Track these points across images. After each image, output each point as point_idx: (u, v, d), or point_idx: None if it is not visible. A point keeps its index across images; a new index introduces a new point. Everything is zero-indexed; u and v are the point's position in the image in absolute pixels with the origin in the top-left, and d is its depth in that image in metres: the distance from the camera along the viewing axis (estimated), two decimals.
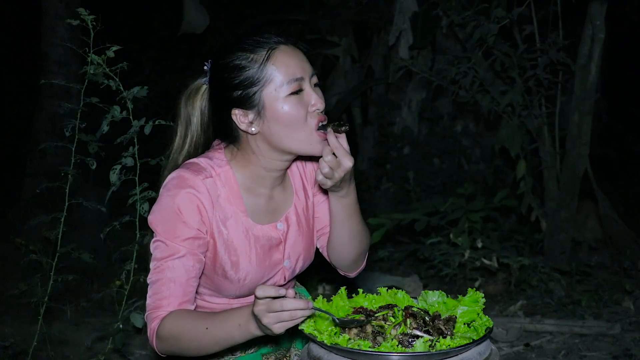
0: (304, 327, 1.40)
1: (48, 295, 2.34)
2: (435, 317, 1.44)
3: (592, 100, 3.62)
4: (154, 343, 1.46)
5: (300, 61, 1.49)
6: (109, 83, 2.23)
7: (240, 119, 1.50)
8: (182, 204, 1.48)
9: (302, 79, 1.48)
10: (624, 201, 4.62)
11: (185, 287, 1.48)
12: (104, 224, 2.26)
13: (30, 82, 4.94)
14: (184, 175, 1.50)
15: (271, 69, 1.46)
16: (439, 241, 3.79)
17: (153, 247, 1.51)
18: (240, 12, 5.99)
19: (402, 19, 5.00)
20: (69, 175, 2.30)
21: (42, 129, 4.67)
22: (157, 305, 1.46)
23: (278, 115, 1.47)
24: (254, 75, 1.46)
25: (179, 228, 1.48)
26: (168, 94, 4.54)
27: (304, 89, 1.48)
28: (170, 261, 1.47)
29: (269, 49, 1.47)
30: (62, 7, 4.59)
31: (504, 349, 2.98)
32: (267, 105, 1.47)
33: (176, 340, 1.43)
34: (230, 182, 1.54)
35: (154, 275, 1.48)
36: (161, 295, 1.46)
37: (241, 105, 1.49)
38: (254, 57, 1.47)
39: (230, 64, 1.49)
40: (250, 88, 1.47)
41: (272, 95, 1.46)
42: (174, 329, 1.42)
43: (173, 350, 1.46)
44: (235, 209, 1.54)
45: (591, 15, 3.55)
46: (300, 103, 1.47)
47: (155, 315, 1.46)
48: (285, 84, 1.46)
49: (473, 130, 5.12)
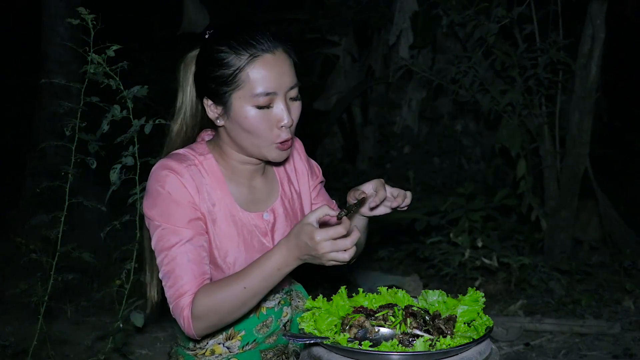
0: (305, 327, 1.40)
1: (48, 294, 2.33)
2: (436, 316, 1.44)
3: (592, 100, 3.62)
4: (191, 327, 1.44)
5: (280, 74, 1.47)
6: (109, 82, 2.23)
7: (211, 108, 1.53)
8: (172, 189, 1.49)
9: (275, 94, 1.47)
10: (624, 201, 4.61)
11: (201, 267, 1.48)
12: (104, 224, 2.26)
13: (30, 81, 4.93)
14: (167, 164, 1.51)
15: (246, 76, 1.45)
16: (439, 240, 3.79)
17: (156, 241, 1.50)
18: (240, 11, 5.99)
19: (403, 18, 5.00)
20: (69, 175, 2.30)
21: (42, 128, 4.67)
22: (180, 293, 1.45)
23: (241, 120, 1.48)
24: (229, 75, 1.46)
25: (177, 212, 1.48)
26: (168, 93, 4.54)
27: (272, 106, 1.47)
28: (181, 246, 1.47)
29: (251, 54, 1.45)
30: (62, 6, 4.59)
31: (504, 348, 2.98)
32: (234, 108, 1.48)
33: (215, 312, 1.42)
34: (213, 169, 1.57)
35: (167, 266, 1.47)
36: (182, 282, 1.45)
37: (212, 97, 1.51)
38: (235, 58, 1.46)
39: (213, 55, 1.48)
40: (222, 86, 1.47)
41: (241, 100, 1.46)
42: (210, 302, 1.42)
43: (214, 323, 1.45)
44: (221, 195, 1.56)
45: (591, 15, 3.55)
46: (266, 117, 1.47)
47: (183, 303, 1.45)
48: (254, 96, 1.45)
49: (473, 130, 5.12)
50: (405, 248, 4.03)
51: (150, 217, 1.51)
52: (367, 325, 1.42)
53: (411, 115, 5.31)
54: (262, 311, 1.66)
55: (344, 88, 5.63)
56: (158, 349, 3.03)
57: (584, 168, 3.71)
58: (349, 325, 1.42)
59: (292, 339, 1.38)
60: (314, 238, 1.31)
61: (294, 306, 1.76)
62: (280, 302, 1.71)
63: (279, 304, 1.70)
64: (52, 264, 2.32)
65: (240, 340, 1.63)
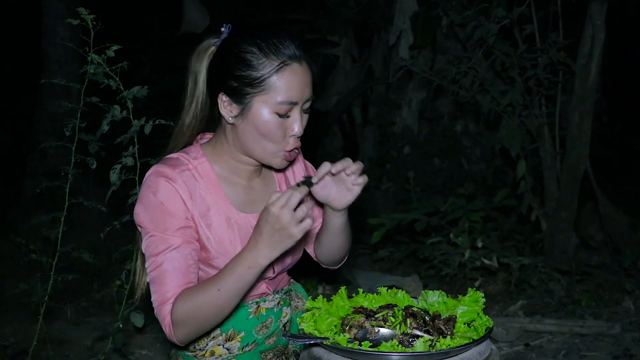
0: (305, 327, 1.40)
1: (48, 294, 2.33)
2: (435, 316, 1.44)
3: (592, 100, 3.62)
4: (172, 334, 1.44)
5: (304, 85, 1.48)
6: (109, 82, 2.23)
7: (225, 104, 1.51)
8: (164, 196, 1.48)
9: (295, 105, 1.47)
10: (624, 201, 4.61)
11: (187, 275, 1.47)
12: (104, 224, 2.25)
13: (30, 81, 4.94)
14: (161, 170, 1.51)
15: (274, 83, 1.45)
16: (439, 241, 3.79)
17: (145, 246, 1.50)
18: (241, 11, 5.98)
19: (403, 19, 5.01)
20: (69, 175, 2.30)
21: (42, 128, 4.67)
22: (163, 300, 1.44)
23: (258, 123, 1.47)
24: (256, 78, 1.45)
25: (167, 220, 1.48)
26: (168, 94, 4.54)
27: (290, 116, 1.48)
28: (168, 253, 1.46)
29: (282, 62, 1.45)
30: (62, 6, 4.60)
31: (504, 348, 2.98)
32: (253, 110, 1.47)
33: (194, 317, 1.41)
34: (207, 172, 1.56)
35: (153, 272, 1.47)
36: (166, 288, 1.45)
37: (231, 95, 1.49)
38: (265, 61, 1.45)
39: (241, 53, 1.46)
40: (246, 87, 1.46)
41: (263, 105, 1.46)
42: (187, 307, 1.41)
43: (194, 329, 1.44)
44: (216, 198, 1.55)
45: (591, 15, 3.55)
46: (282, 125, 1.48)
47: (165, 310, 1.44)
48: (278, 103, 1.45)
49: (473, 130, 5.12)
50: (405, 248, 4.03)
51: (140, 224, 1.51)
52: (367, 326, 1.42)
53: (411, 115, 5.31)
54: (262, 312, 1.66)
55: (344, 88, 5.63)
56: (158, 349, 3.03)
57: (584, 168, 3.71)
58: (349, 325, 1.42)
59: (292, 339, 1.38)
60: (272, 212, 1.31)
61: (293, 306, 1.76)
62: (279, 303, 1.71)
63: (279, 305, 1.70)
64: (52, 264, 2.32)
65: (240, 341, 1.63)
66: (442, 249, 3.73)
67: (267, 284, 1.66)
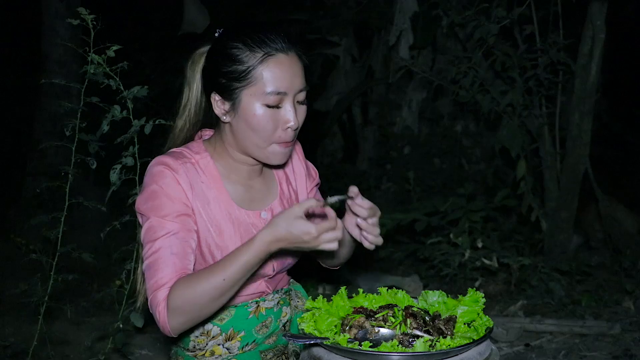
0: (305, 327, 1.40)
1: (48, 294, 2.33)
2: (436, 317, 1.44)
3: (592, 100, 3.62)
4: (167, 322, 1.39)
5: (292, 76, 1.48)
6: (109, 82, 2.23)
7: (218, 104, 1.53)
8: (164, 182, 1.49)
9: (285, 95, 1.47)
10: (624, 201, 4.61)
11: (184, 262, 1.44)
12: (104, 224, 2.25)
13: (30, 81, 4.93)
14: (163, 160, 1.53)
15: (259, 74, 1.46)
16: (439, 241, 3.79)
17: (143, 232, 1.48)
18: (241, 11, 5.99)
19: (403, 19, 5.00)
20: (69, 175, 2.30)
21: (42, 128, 4.67)
22: (158, 285, 1.41)
23: (248, 117, 1.48)
24: (242, 71, 1.47)
25: (167, 205, 1.48)
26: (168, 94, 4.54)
27: (281, 107, 1.48)
28: (167, 238, 1.45)
29: (266, 53, 1.46)
30: (62, 6, 4.60)
31: (504, 348, 2.98)
32: (243, 104, 1.48)
33: (194, 304, 1.37)
34: (209, 168, 1.57)
35: (150, 257, 1.44)
36: (161, 274, 1.42)
37: (221, 93, 1.51)
38: (249, 55, 1.46)
39: (227, 50, 1.49)
40: (234, 82, 1.48)
41: (251, 97, 1.47)
42: (188, 293, 1.37)
43: (191, 317, 1.40)
44: (217, 193, 1.56)
45: (591, 15, 3.54)
46: (273, 117, 1.48)
47: (160, 295, 1.40)
48: (265, 94, 1.46)
49: (473, 130, 5.12)
50: (405, 248, 4.03)
51: (139, 210, 1.52)
52: (367, 326, 1.42)
53: (411, 115, 5.31)
54: (262, 311, 1.66)
55: (344, 88, 5.64)
56: (158, 349, 3.03)
57: (584, 169, 3.70)
58: (349, 325, 1.42)
59: (292, 339, 1.38)
60: (310, 232, 1.31)
61: (293, 306, 1.76)
62: (279, 302, 1.71)
63: (278, 304, 1.70)
64: (52, 264, 2.32)
65: (239, 341, 1.63)
66: (442, 249, 3.73)
67: (267, 283, 1.66)
